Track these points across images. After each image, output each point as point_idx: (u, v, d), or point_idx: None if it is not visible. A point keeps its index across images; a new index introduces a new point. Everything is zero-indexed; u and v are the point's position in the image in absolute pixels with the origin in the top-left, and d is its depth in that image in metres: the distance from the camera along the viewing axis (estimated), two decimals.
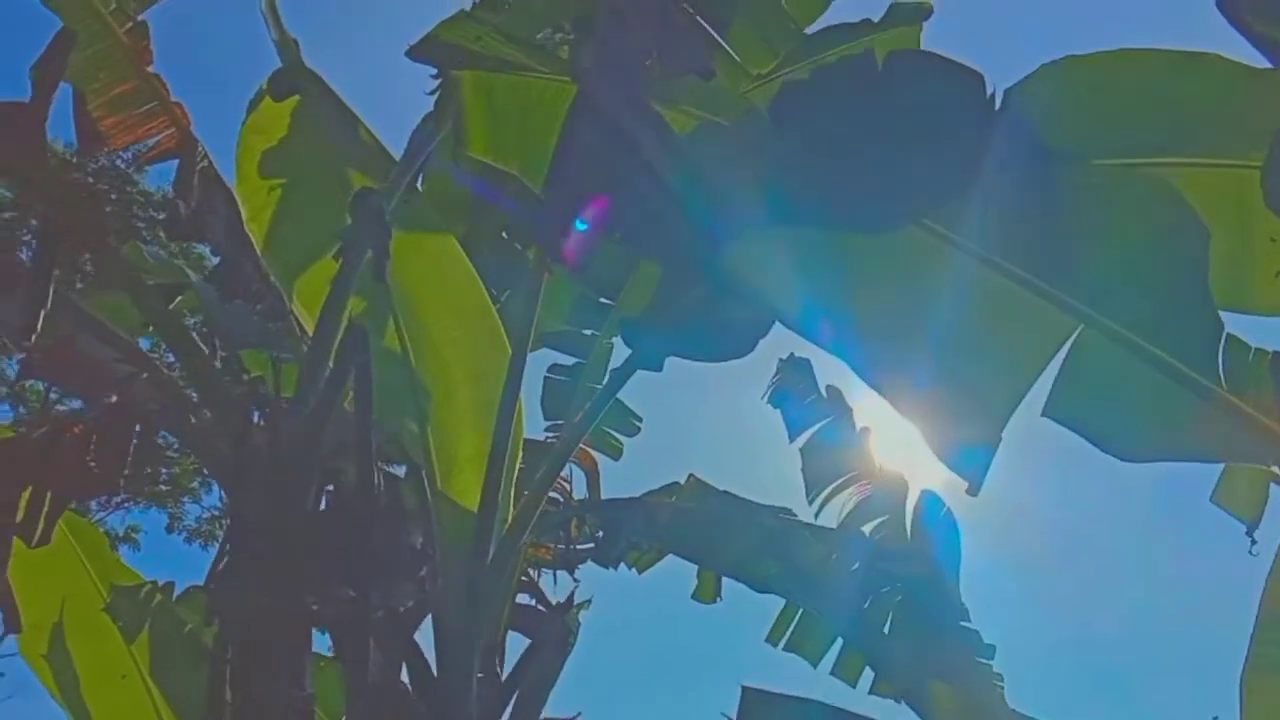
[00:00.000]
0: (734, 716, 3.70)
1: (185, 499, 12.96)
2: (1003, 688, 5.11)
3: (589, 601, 5.12)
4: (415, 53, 2.86)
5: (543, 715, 3.71)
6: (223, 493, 3.20)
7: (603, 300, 5.29)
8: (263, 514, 2.62)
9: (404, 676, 3.06)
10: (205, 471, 12.22)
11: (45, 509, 3.05)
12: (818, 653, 5.27)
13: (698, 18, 3.13)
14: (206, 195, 3.99)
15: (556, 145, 2.84)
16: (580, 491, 5.48)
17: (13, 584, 3.46)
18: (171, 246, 9.35)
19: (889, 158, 2.44)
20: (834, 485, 5.48)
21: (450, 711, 2.84)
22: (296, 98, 3.55)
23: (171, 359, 6.05)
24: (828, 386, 5.54)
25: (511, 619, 3.88)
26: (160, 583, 4.63)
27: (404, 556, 2.68)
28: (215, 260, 4.37)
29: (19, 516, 3.13)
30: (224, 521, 16.85)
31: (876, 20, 3.89)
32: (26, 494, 3.11)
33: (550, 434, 5.17)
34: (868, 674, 5.25)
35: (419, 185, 3.84)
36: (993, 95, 2.48)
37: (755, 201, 2.65)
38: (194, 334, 4.11)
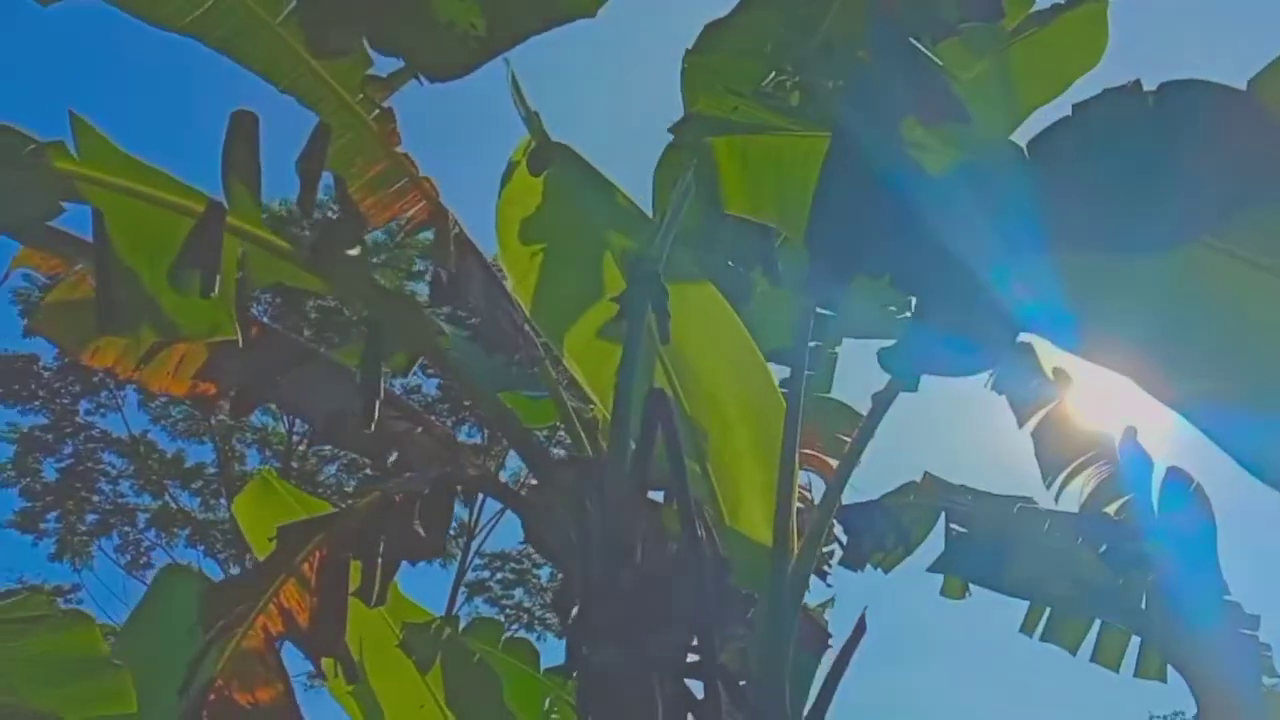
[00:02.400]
0: None
1: None
2: (1270, 657, 5.04)
3: (832, 601, 5.29)
4: (678, 130, 3.06)
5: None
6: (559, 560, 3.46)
7: (821, 311, 5.41)
8: (601, 575, 2.88)
9: None
10: None
11: (379, 573, 3.39)
12: (1075, 641, 5.28)
13: (910, 39, 3.24)
14: (462, 260, 4.29)
15: (815, 196, 2.99)
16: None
17: None
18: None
19: (1166, 182, 2.50)
20: (1071, 468, 5.43)
21: None
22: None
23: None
24: (1054, 368, 5.51)
25: None
26: (447, 617, 5.03)
27: (733, 600, 2.89)
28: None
29: (353, 582, 3.49)
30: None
31: (1064, 2, 3.94)
32: (358, 562, 3.46)
33: None
34: (1128, 659, 5.25)
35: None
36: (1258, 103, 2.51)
37: (1024, 233, 2.74)
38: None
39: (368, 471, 18.74)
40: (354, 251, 3.43)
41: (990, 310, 3.13)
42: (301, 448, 19.04)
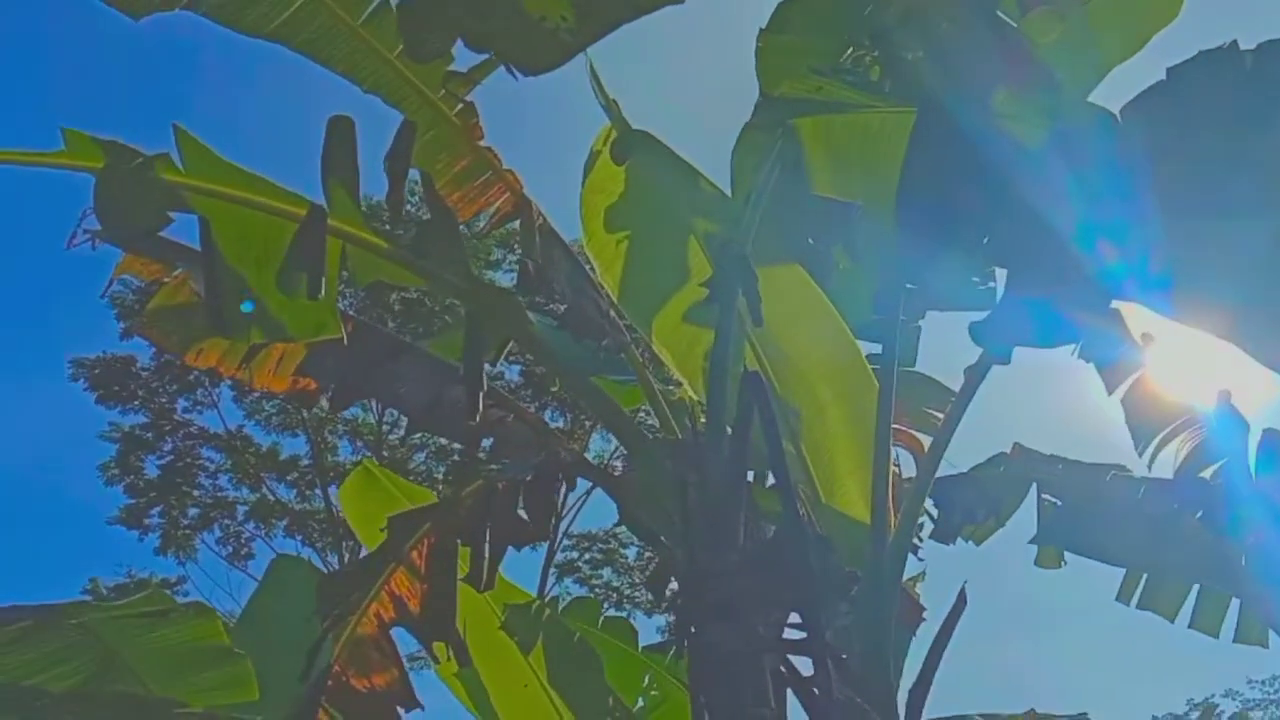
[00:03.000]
0: None
1: None
2: None
3: (923, 574, 5.28)
4: (761, 112, 3.08)
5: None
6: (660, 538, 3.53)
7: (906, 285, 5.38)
8: (707, 555, 2.95)
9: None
10: None
11: (487, 559, 3.50)
12: (1173, 607, 5.22)
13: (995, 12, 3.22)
14: (547, 250, 4.36)
15: (904, 170, 3.00)
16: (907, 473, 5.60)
17: None
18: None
19: (1267, 143, 2.48)
20: (1163, 434, 5.35)
21: (888, 714, 3.10)
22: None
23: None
24: (1142, 334, 5.41)
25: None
26: (546, 598, 5.13)
27: (837, 578, 2.94)
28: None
29: (461, 569, 3.61)
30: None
31: None
32: (466, 548, 3.57)
33: None
34: (1228, 625, 5.18)
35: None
36: None
37: (1119, 200, 2.73)
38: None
39: (455, 458, 19.13)
40: (453, 247, 3.52)
41: (1084, 278, 3.13)
42: (392, 437, 19.49)
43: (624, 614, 19.57)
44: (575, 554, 21.03)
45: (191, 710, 4.10)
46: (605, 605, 19.77)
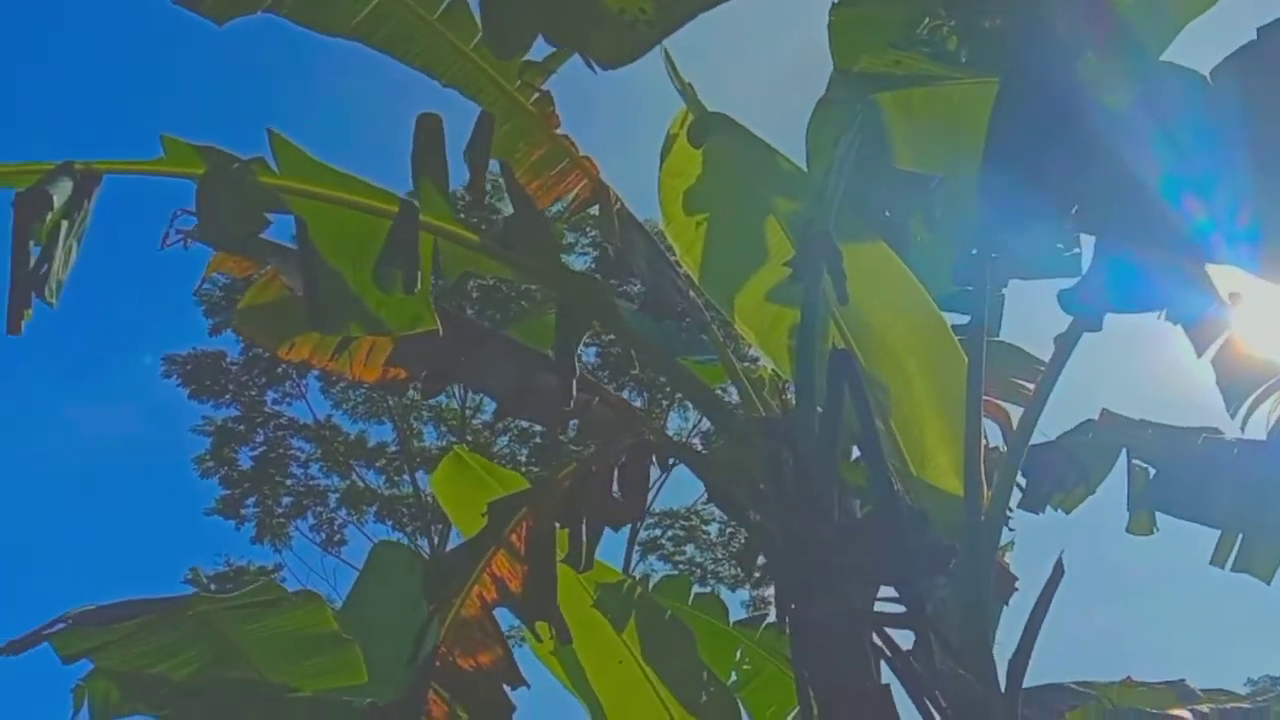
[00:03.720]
0: None
1: None
2: None
3: (1011, 544, 5.25)
4: (838, 86, 3.09)
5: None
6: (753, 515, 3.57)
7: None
8: (804, 531, 3.00)
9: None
10: None
11: (584, 539, 3.58)
12: (1269, 569, 5.14)
13: None
14: (626, 234, 4.41)
15: (989, 139, 2.99)
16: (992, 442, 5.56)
17: None
18: None
19: None
20: (1255, 395, 5.25)
21: (989, 685, 3.13)
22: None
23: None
24: (1230, 293, 5.31)
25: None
26: (637, 576, 5.20)
27: (934, 552, 2.96)
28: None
29: (560, 550, 3.70)
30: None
31: None
32: (564, 530, 3.66)
33: None
34: None
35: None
36: None
37: (1212, 161, 2.71)
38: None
39: (538, 440, 19.43)
40: (541, 237, 3.59)
41: (1176, 241, 3.10)
42: (475, 421, 19.85)
43: (708, 589, 19.70)
44: (658, 531, 21.27)
45: (303, 694, 4.27)
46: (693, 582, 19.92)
